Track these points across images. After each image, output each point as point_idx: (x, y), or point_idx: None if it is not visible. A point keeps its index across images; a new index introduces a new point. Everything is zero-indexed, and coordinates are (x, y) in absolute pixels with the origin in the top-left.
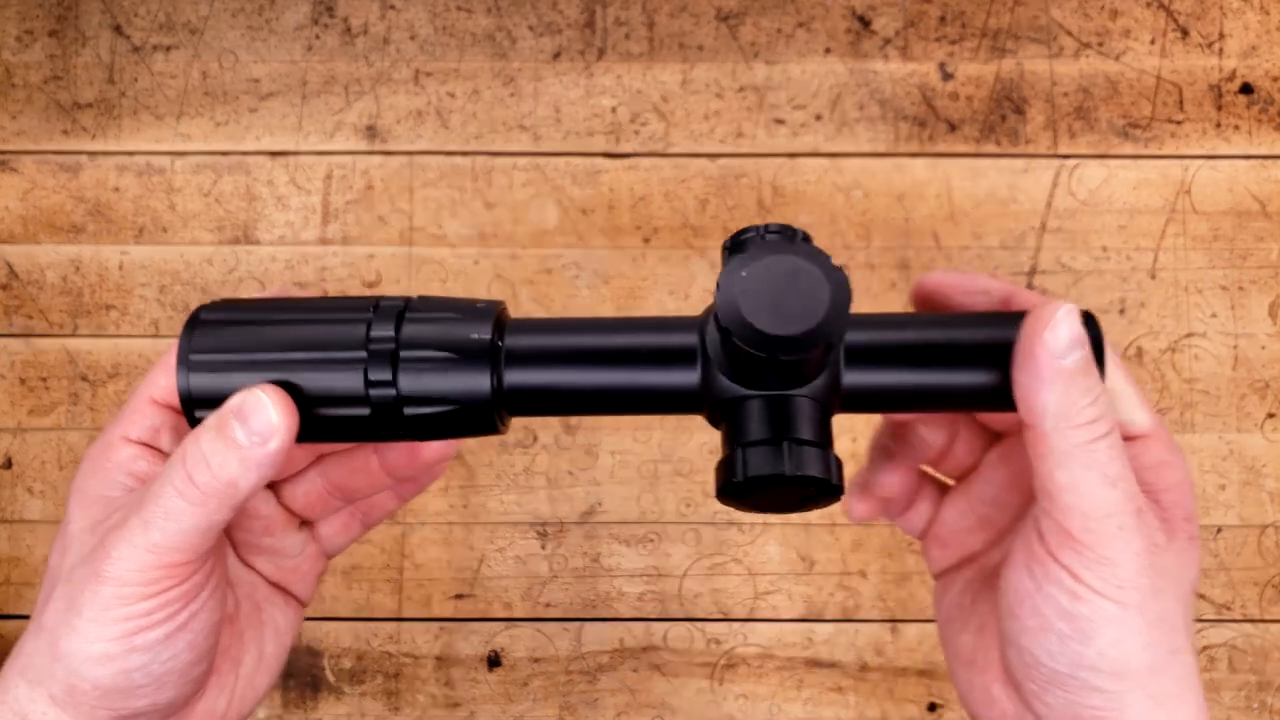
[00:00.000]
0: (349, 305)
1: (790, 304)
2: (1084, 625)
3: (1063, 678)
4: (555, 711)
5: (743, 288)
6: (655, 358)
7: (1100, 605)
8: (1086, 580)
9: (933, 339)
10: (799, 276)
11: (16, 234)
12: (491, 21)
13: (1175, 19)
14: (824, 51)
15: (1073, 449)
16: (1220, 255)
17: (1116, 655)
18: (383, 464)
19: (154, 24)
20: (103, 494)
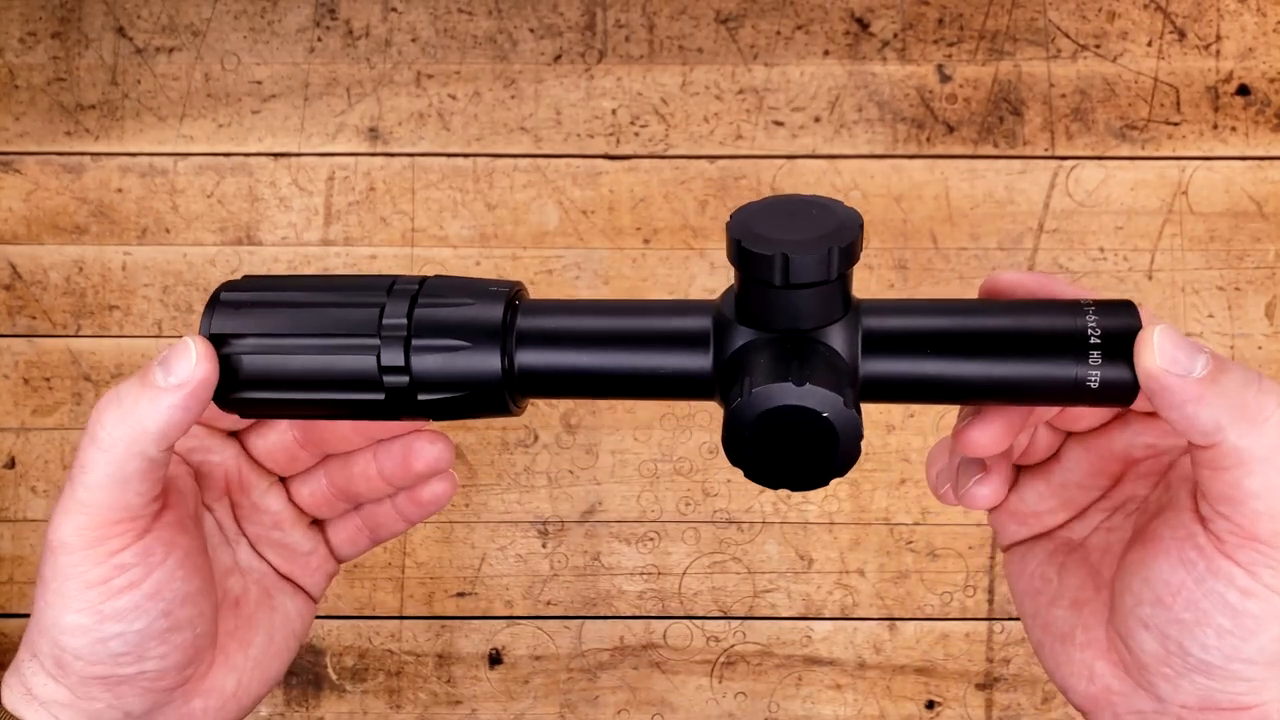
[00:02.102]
0: (365, 285)
1: (801, 223)
2: (1250, 622)
3: (1211, 668)
4: (556, 709)
5: (756, 210)
6: (668, 341)
7: (1273, 603)
8: (1264, 579)
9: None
10: (810, 206)
11: (20, 235)
12: (493, 24)
13: (1172, 21)
14: (823, 54)
15: (1264, 450)
16: (1217, 256)
17: (1277, 649)
18: (379, 470)
19: (156, 26)
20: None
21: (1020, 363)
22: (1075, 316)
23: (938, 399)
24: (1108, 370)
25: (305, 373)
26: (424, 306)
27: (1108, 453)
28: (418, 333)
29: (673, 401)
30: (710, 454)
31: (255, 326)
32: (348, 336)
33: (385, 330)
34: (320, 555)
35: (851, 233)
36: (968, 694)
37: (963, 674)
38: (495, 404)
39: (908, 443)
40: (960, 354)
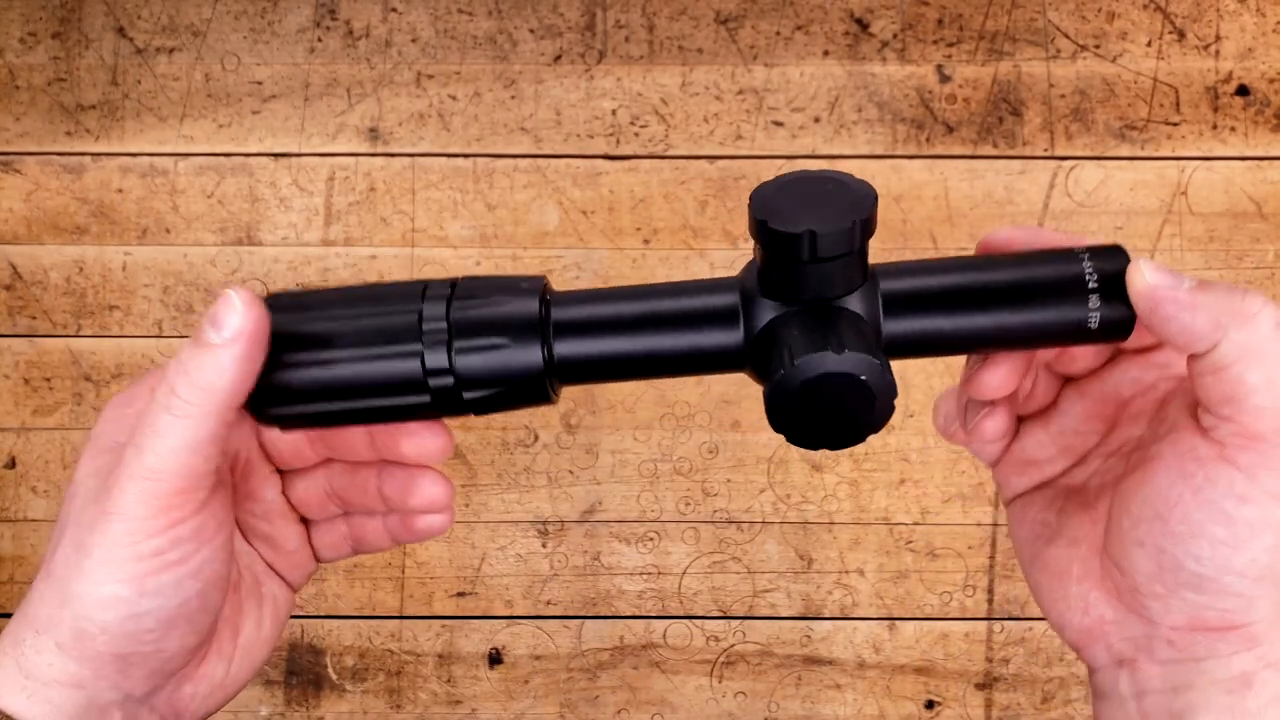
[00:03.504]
0: (398, 293)
1: (820, 200)
2: (1244, 530)
3: (1203, 581)
4: (556, 708)
5: (775, 189)
6: (699, 320)
7: (1270, 509)
8: (1264, 481)
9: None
10: (825, 182)
11: (20, 235)
12: (493, 24)
13: (1172, 21)
14: (822, 54)
15: (1259, 343)
16: (1216, 256)
17: (1268, 561)
18: (380, 488)
19: (157, 26)
20: (115, 439)
21: (1028, 311)
22: (1072, 264)
23: (954, 350)
24: (1106, 309)
25: (349, 382)
26: (460, 308)
27: (1101, 394)
28: (458, 334)
29: (699, 377)
30: (710, 454)
31: (295, 342)
32: (390, 344)
33: (426, 334)
34: (303, 554)
35: (870, 204)
36: (967, 694)
37: (962, 674)
38: (537, 395)
39: (907, 443)
40: (973, 308)
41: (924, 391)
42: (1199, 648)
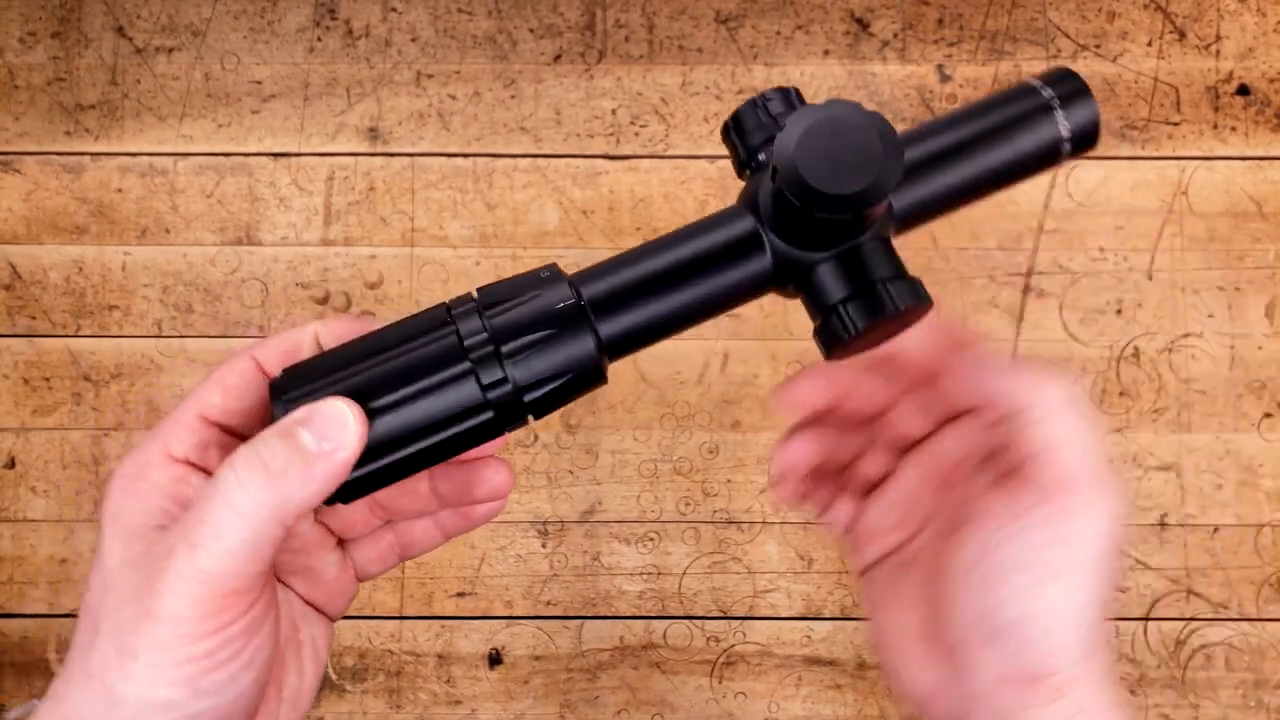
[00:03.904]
0: (424, 323)
1: (847, 161)
2: (1041, 576)
3: (1008, 630)
4: (556, 709)
5: (801, 156)
6: (725, 256)
7: (1062, 555)
8: (1057, 529)
9: (962, 134)
10: (847, 133)
11: (20, 235)
12: (492, 24)
13: (1172, 21)
14: (823, 54)
15: (1060, 407)
16: (1217, 256)
17: (1064, 610)
18: (434, 488)
19: (156, 26)
20: (143, 521)
21: (1008, 145)
22: (1031, 95)
23: (961, 202)
24: (1073, 120)
25: (407, 430)
26: (494, 314)
27: (933, 459)
28: (504, 339)
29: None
30: (710, 454)
31: (334, 381)
32: (437, 373)
33: (472, 351)
34: (345, 578)
35: (898, 166)
36: None
37: None
38: (595, 378)
39: None
40: (967, 158)
41: None
42: (1011, 702)
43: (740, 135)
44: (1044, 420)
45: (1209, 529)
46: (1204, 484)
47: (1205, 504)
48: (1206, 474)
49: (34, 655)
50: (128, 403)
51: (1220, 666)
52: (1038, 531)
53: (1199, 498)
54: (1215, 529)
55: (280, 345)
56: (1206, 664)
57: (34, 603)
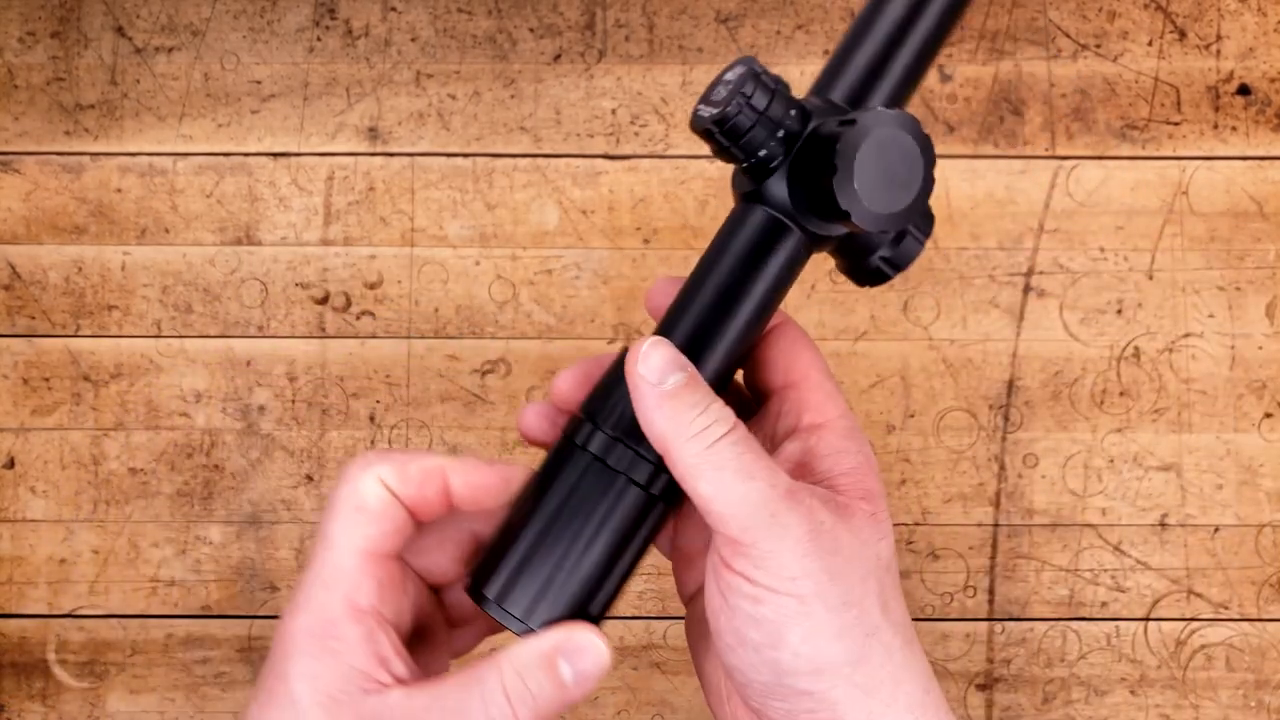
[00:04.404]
0: (555, 455)
1: (897, 180)
2: (771, 629)
3: (772, 688)
4: None
5: (861, 183)
6: (778, 269)
7: (780, 602)
8: (760, 580)
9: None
10: (896, 148)
11: (19, 235)
12: (492, 23)
13: (1173, 20)
14: (823, 53)
15: (699, 459)
16: (1217, 256)
17: (810, 652)
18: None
19: (156, 25)
20: (345, 687)
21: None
22: None
23: (921, 72)
24: None
25: (617, 574)
26: (609, 419)
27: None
28: (632, 435)
29: None
30: None
31: (547, 575)
32: (599, 500)
33: (614, 461)
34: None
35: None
36: (968, 694)
37: (963, 674)
38: None
39: (908, 443)
40: (902, 43)
41: (924, 391)
42: None
43: (735, 138)
44: (698, 475)
45: (1209, 529)
46: (1204, 484)
47: (1205, 504)
48: (1207, 474)
49: (33, 656)
50: (127, 403)
51: (1221, 667)
52: (745, 586)
53: (1199, 498)
54: (1215, 529)
55: (415, 475)
56: (1207, 664)
57: (33, 603)
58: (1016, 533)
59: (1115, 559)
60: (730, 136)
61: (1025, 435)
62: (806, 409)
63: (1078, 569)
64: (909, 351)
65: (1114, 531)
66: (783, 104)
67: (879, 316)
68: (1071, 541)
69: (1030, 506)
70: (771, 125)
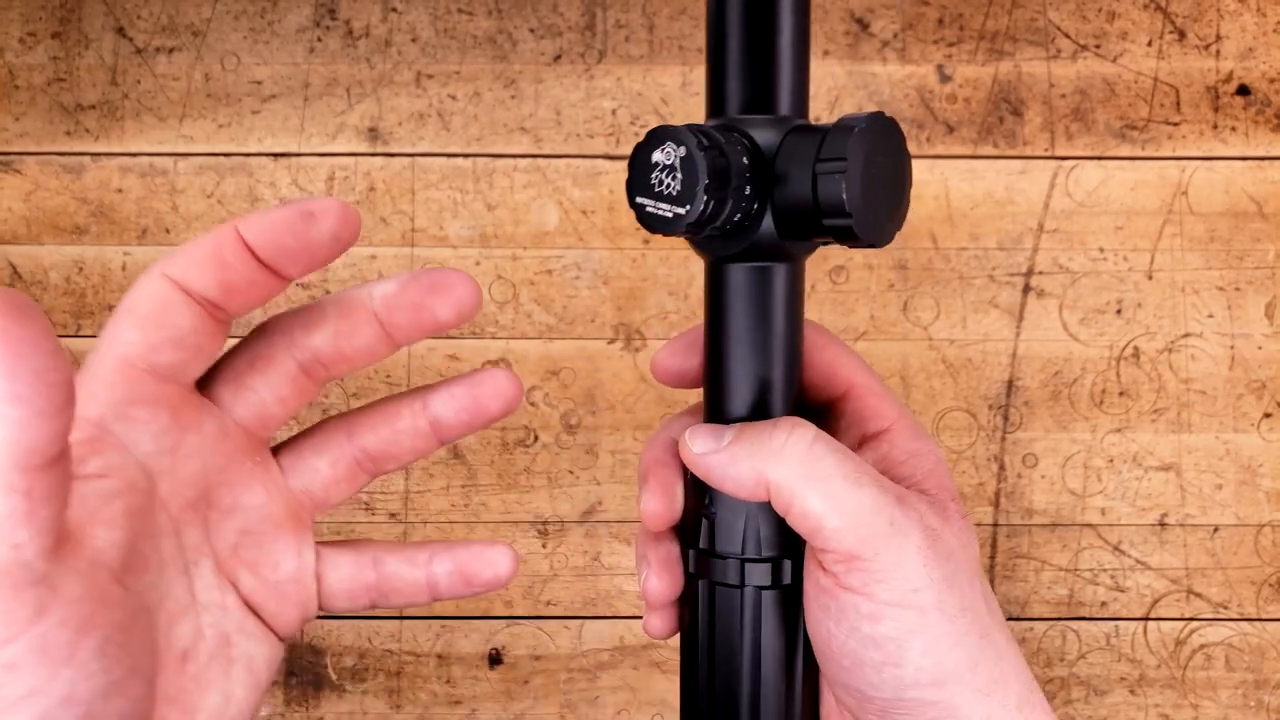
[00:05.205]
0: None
1: (883, 200)
2: (892, 647)
3: (893, 703)
4: (556, 709)
5: (853, 201)
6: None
7: (901, 617)
8: (880, 595)
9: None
10: (884, 163)
11: (20, 235)
12: (492, 24)
13: (1172, 21)
14: (822, 54)
15: (801, 472)
16: (1217, 256)
17: (933, 664)
18: (435, 426)
19: (156, 26)
20: None
21: None
22: None
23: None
24: None
25: (772, 683)
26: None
27: None
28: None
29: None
30: None
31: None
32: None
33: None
34: (301, 586)
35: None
36: None
37: None
38: None
39: None
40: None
41: (924, 391)
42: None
43: (714, 221)
44: (804, 490)
45: (1209, 529)
46: (1204, 484)
47: (1205, 504)
48: (1206, 474)
49: None
50: None
51: (1220, 666)
52: (863, 605)
53: (1199, 498)
54: (1215, 529)
55: (196, 256)
56: (1206, 664)
57: None
58: (1016, 532)
59: (1115, 559)
60: (708, 222)
61: (1025, 435)
62: (868, 416)
63: (1077, 569)
64: (909, 351)
65: (1114, 531)
66: (737, 158)
67: (879, 316)
68: (1071, 541)
69: (1030, 506)
70: (741, 186)
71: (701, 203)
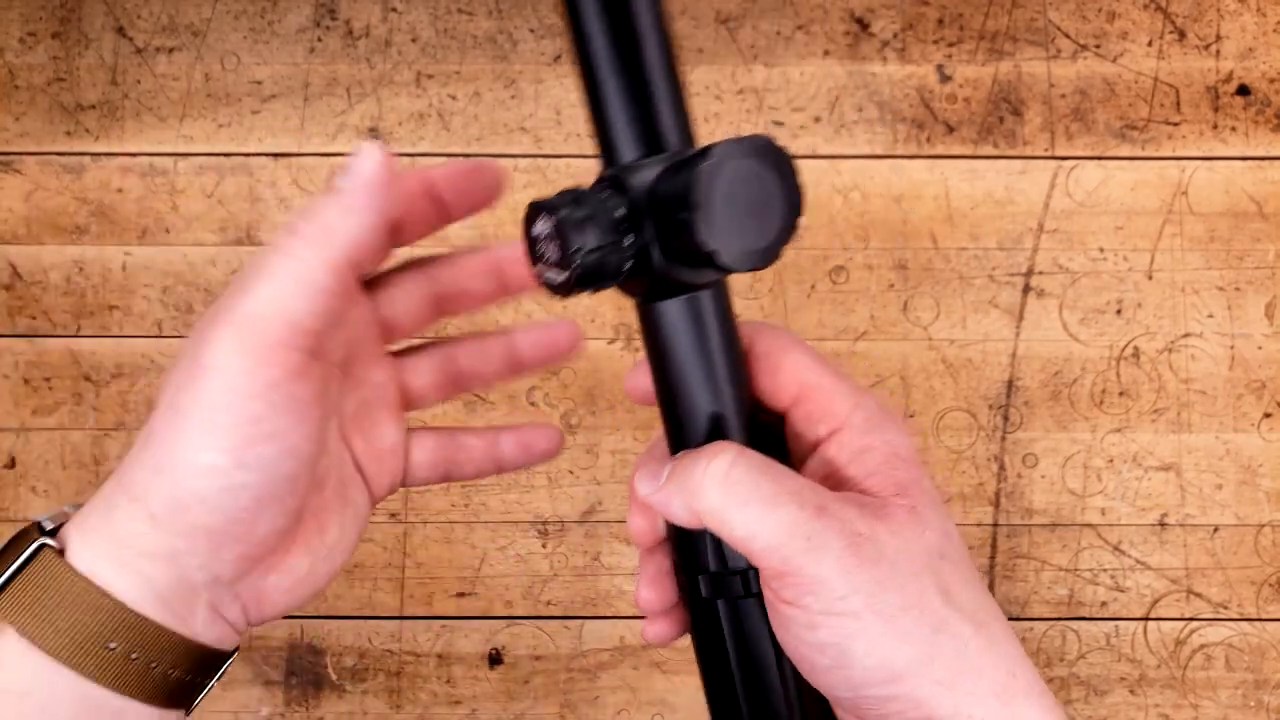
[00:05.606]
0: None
1: (754, 227)
2: (835, 651)
3: (858, 701)
4: (556, 709)
5: (712, 220)
6: (702, 332)
7: (836, 624)
8: (811, 606)
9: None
10: (759, 184)
11: (20, 235)
12: (493, 24)
13: (1172, 21)
14: (823, 54)
15: (720, 501)
16: (1217, 256)
17: (879, 664)
18: (509, 356)
19: (157, 26)
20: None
21: None
22: None
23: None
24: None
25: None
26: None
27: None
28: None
29: None
30: None
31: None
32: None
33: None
34: (396, 458)
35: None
36: None
37: None
38: None
39: None
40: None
41: (924, 391)
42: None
43: (602, 277)
44: (724, 517)
45: (1209, 529)
46: (1204, 484)
47: (1205, 504)
48: (1206, 474)
49: None
50: (128, 403)
51: (1220, 666)
52: (800, 615)
53: (1199, 498)
54: (1215, 529)
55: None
56: (1206, 664)
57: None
58: (1016, 532)
59: (1115, 559)
60: (597, 279)
61: (1025, 435)
62: (818, 418)
63: (1077, 569)
64: (909, 351)
65: (1113, 531)
66: (607, 214)
67: (879, 316)
68: (1071, 541)
69: (1030, 506)
70: (617, 240)
71: (579, 264)
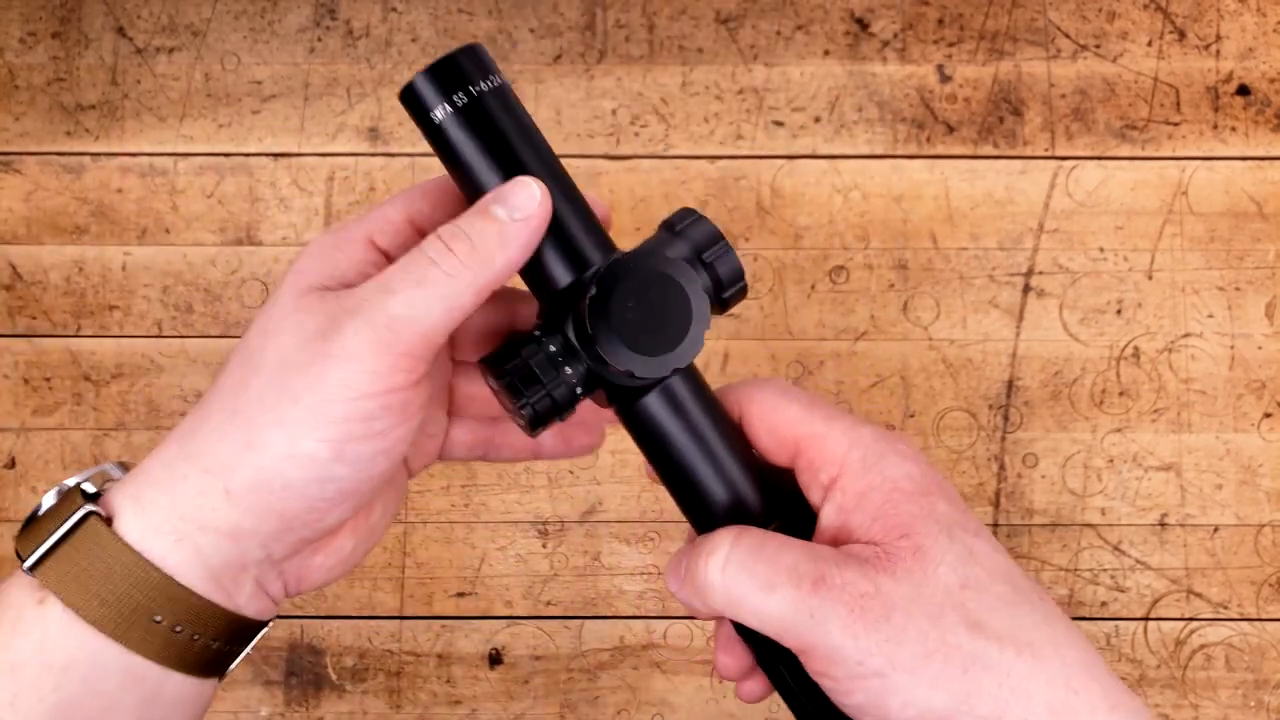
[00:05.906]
0: None
1: (654, 335)
2: (874, 710)
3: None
4: (556, 709)
5: (614, 331)
6: (684, 414)
7: (864, 686)
8: (839, 675)
9: None
10: (650, 297)
11: (20, 235)
12: (493, 24)
13: (1172, 21)
14: (823, 54)
15: (724, 597)
16: (1217, 256)
17: (918, 714)
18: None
19: (156, 26)
20: (325, 280)
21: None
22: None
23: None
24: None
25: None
26: None
27: None
28: None
29: None
30: None
31: None
32: None
33: None
34: (434, 444)
35: (702, 332)
36: None
37: None
38: None
39: None
40: None
41: (924, 391)
42: None
43: (568, 407)
44: (730, 604)
45: (1209, 529)
46: (1204, 484)
47: (1205, 504)
48: (1206, 474)
49: None
50: (128, 403)
51: (1220, 666)
52: (833, 687)
53: (1199, 498)
54: (1215, 529)
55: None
56: (1206, 664)
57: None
58: (1016, 532)
59: (1115, 559)
60: (551, 416)
61: (1025, 435)
62: (819, 467)
63: (1077, 569)
64: (909, 351)
65: (1114, 531)
66: (540, 355)
67: (879, 316)
68: (1071, 541)
69: (1030, 506)
70: (555, 375)
71: (529, 408)
